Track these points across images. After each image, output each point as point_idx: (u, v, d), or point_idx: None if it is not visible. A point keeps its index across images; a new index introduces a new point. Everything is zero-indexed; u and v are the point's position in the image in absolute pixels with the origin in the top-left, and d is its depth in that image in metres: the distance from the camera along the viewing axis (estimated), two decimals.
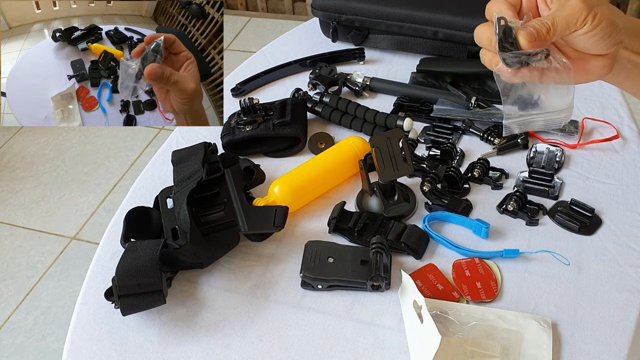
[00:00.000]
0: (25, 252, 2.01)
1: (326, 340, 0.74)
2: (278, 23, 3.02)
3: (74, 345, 0.76)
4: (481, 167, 0.91)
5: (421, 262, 0.81)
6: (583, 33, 0.61)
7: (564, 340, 0.71)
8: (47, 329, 1.78)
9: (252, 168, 0.91)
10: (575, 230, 0.83)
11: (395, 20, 1.17)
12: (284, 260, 0.84)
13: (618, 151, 0.96)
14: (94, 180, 2.26)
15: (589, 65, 0.64)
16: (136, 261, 0.74)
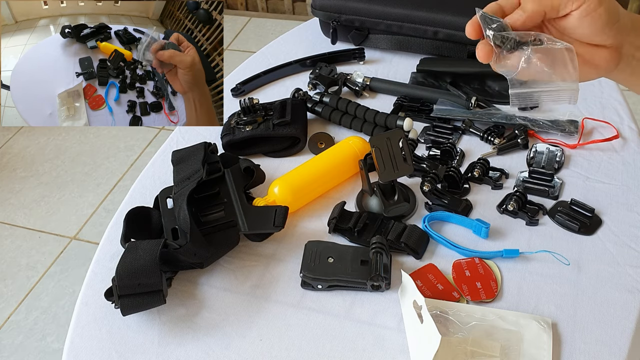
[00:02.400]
0: (25, 252, 2.01)
1: (326, 340, 0.74)
2: (278, 23, 3.02)
3: (74, 345, 0.76)
4: (481, 167, 0.91)
5: (421, 262, 0.81)
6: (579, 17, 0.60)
7: (564, 340, 0.71)
8: (47, 329, 1.78)
9: (252, 168, 0.91)
10: (575, 230, 0.83)
11: (395, 20, 1.17)
12: (284, 260, 0.84)
13: (618, 151, 0.96)
14: (94, 180, 2.26)
15: (595, 58, 0.64)
16: (136, 261, 0.74)
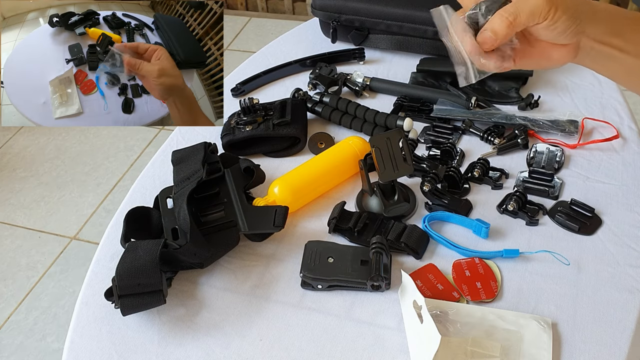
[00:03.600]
0: (25, 252, 2.01)
1: (326, 340, 0.74)
2: (278, 23, 3.02)
3: (74, 345, 0.76)
4: (481, 167, 0.91)
5: (421, 262, 0.81)
6: (544, 27, 0.63)
7: (564, 340, 0.71)
8: (47, 329, 1.78)
9: (252, 168, 0.91)
10: (575, 230, 0.83)
11: (395, 20, 1.17)
12: (284, 260, 0.84)
13: (618, 151, 0.96)
14: (94, 180, 2.26)
15: (551, 53, 0.67)
16: (136, 261, 0.74)
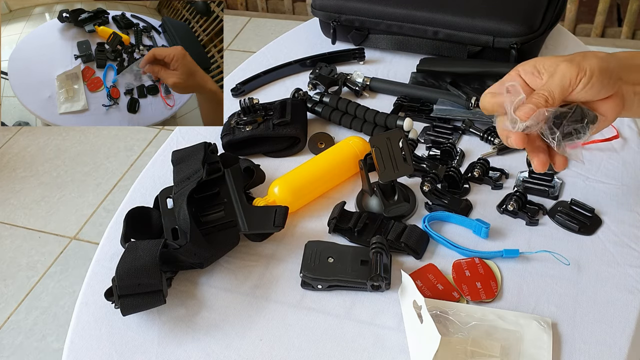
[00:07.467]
0: (25, 252, 2.01)
1: (326, 340, 0.74)
2: (278, 23, 3.03)
3: (74, 345, 0.76)
4: (481, 167, 0.91)
5: (421, 262, 0.81)
6: (580, 90, 0.65)
7: (564, 340, 0.71)
8: (47, 329, 1.78)
9: (252, 168, 0.91)
10: (575, 230, 0.83)
11: (395, 20, 1.17)
12: (284, 260, 0.84)
13: (618, 151, 0.96)
14: (94, 180, 2.26)
15: (601, 110, 0.67)
16: (136, 261, 0.74)
